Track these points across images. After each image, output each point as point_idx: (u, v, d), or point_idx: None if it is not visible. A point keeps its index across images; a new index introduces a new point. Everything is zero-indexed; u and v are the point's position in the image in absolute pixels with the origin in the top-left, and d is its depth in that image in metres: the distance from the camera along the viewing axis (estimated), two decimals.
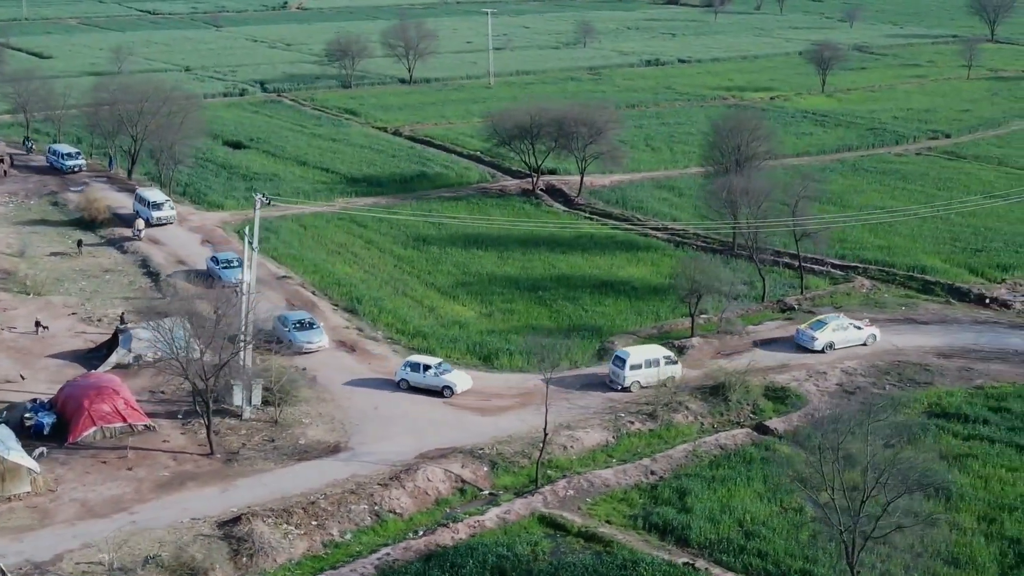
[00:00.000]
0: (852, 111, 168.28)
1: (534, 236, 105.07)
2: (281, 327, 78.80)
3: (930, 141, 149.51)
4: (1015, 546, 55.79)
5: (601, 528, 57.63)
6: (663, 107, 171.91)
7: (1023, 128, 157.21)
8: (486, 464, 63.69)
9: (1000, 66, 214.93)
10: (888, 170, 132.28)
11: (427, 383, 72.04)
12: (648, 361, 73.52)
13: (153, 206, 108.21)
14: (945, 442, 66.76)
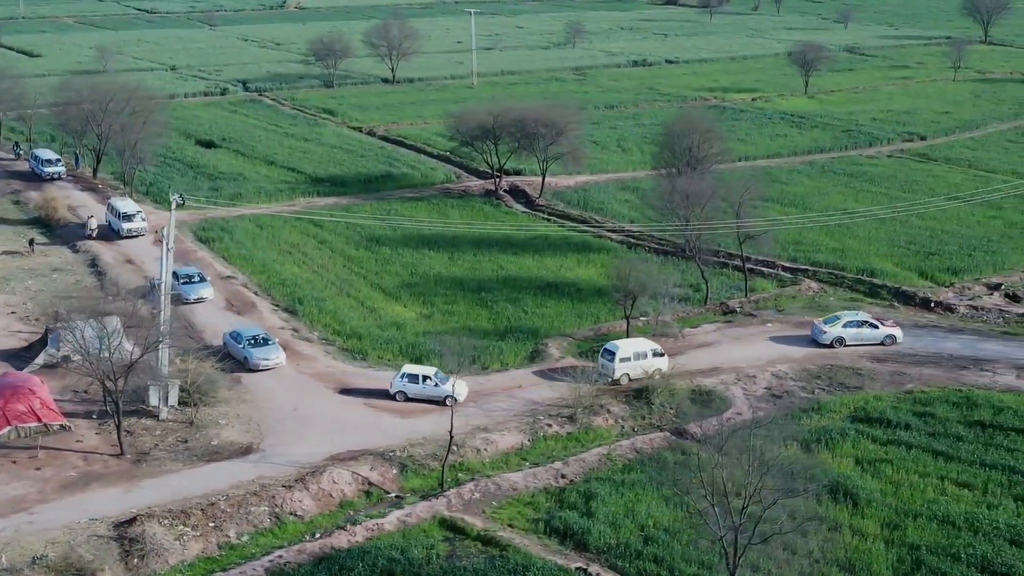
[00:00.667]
0: (831, 113, 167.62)
1: (488, 237, 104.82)
2: (234, 344, 76.53)
3: (904, 143, 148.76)
4: (913, 552, 55.30)
5: (501, 532, 57.28)
6: (642, 108, 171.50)
7: (1000, 131, 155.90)
8: (396, 467, 63.46)
9: (989, 68, 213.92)
10: (856, 172, 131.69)
11: (428, 394, 70.79)
12: (636, 354, 74.47)
13: (123, 217, 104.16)
14: (863, 447, 65.98)
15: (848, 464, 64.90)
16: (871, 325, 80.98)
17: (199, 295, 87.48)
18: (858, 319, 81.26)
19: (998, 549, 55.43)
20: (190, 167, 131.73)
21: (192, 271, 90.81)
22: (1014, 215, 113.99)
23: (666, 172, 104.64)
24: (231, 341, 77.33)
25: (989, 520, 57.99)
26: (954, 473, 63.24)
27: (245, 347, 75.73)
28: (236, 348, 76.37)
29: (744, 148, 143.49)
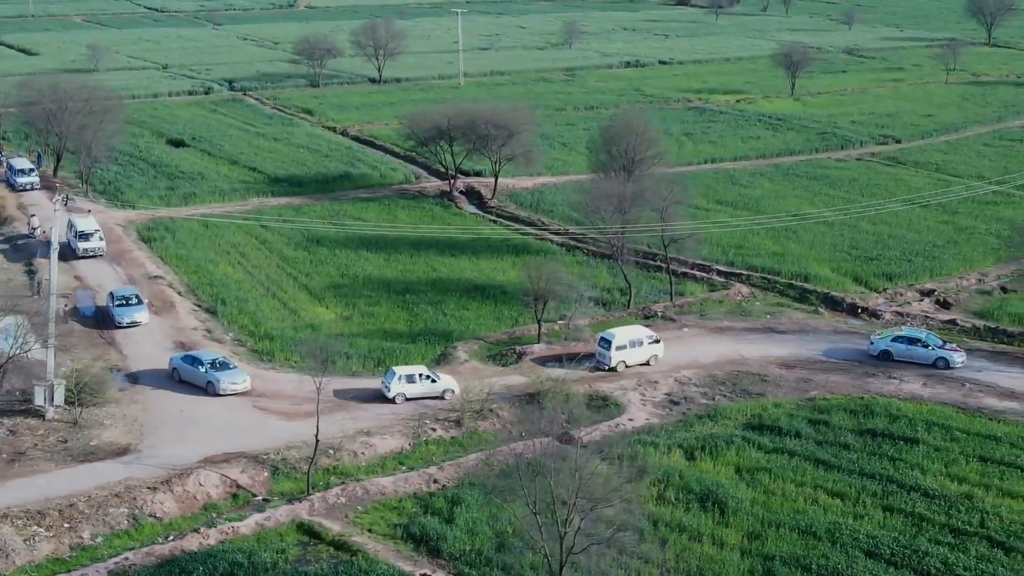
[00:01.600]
0: (812, 115, 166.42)
1: (429, 239, 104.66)
2: (190, 368, 73.35)
3: (878, 146, 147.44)
4: (767, 563, 54.50)
5: (356, 537, 56.99)
6: (622, 109, 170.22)
7: (978, 134, 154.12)
8: (267, 469, 63.26)
9: (985, 70, 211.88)
10: (820, 175, 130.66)
11: (426, 391, 71.82)
12: (632, 341, 76.14)
13: (80, 236, 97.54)
14: (746, 455, 65.28)
15: (728, 472, 64.12)
16: (923, 344, 77.67)
17: (132, 319, 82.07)
18: (910, 335, 78.64)
19: (852, 560, 54.62)
20: (153, 166, 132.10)
21: (129, 292, 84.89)
22: (967, 220, 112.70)
23: (603, 175, 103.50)
24: (185, 366, 73.50)
25: (851, 531, 57.23)
26: (831, 483, 62.39)
27: (208, 371, 72.05)
28: (194, 373, 72.73)
29: (714, 150, 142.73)
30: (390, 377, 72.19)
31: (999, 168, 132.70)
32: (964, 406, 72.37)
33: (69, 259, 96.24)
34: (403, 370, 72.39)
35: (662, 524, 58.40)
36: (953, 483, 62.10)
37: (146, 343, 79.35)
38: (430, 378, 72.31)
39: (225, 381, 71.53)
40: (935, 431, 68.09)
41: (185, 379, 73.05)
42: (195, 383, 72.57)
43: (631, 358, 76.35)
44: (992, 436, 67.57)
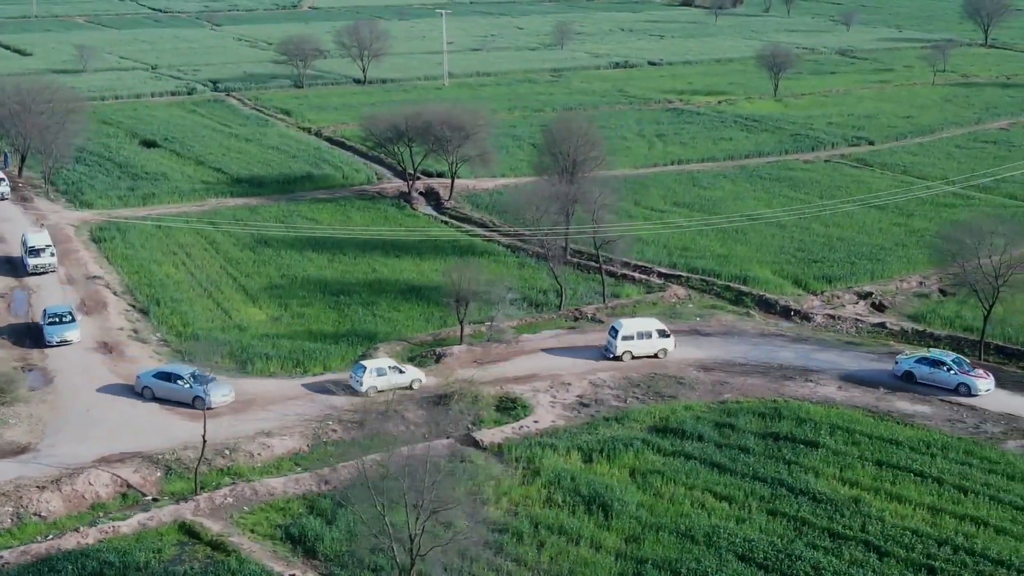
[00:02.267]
0: (791, 116, 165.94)
1: (376, 240, 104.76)
2: (168, 384, 71.77)
3: (850, 148, 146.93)
4: (639, 566, 54.48)
5: (235, 537, 57.17)
6: (601, 110, 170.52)
7: (953, 136, 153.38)
8: (160, 469, 63.54)
9: (975, 72, 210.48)
10: (784, 177, 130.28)
11: (396, 383, 73.52)
12: (640, 333, 78.00)
13: (31, 252, 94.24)
14: (644, 458, 65.21)
15: (622, 475, 64.10)
16: (947, 367, 74.20)
17: (63, 338, 79.32)
18: (934, 357, 75.22)
19: (724, 564, 54.51)
20: (119, 166, 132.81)
21: (63, 310, 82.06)
22: (921, 222, 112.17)
23: (546, 177, 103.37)
24: (161, 382, 71.87)
25: (730, 534, 57.11)
26: (721, 486, 62.25)
27: (194, 386, 70.38)
28: (174, 389, 71.63)
29: (683, 152, 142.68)
30: (360, 371, 73.13)
31: (967, 170, 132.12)
32: (875, 410, 72.14)
33: (21, 276, 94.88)
34: (373, 363, 73.53)
35: (543, 526, 58.17)
36: (844, 487, 61.88)
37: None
38: (398, 369, 73.46)
39: (216, 395, 69.81)
40: (838, 435, 67.84)
41: (161, 396, 71.11)
42: (175, 399, 70.82)
43: (638, 349, 78.19)
44: (894, 440, 67.27)
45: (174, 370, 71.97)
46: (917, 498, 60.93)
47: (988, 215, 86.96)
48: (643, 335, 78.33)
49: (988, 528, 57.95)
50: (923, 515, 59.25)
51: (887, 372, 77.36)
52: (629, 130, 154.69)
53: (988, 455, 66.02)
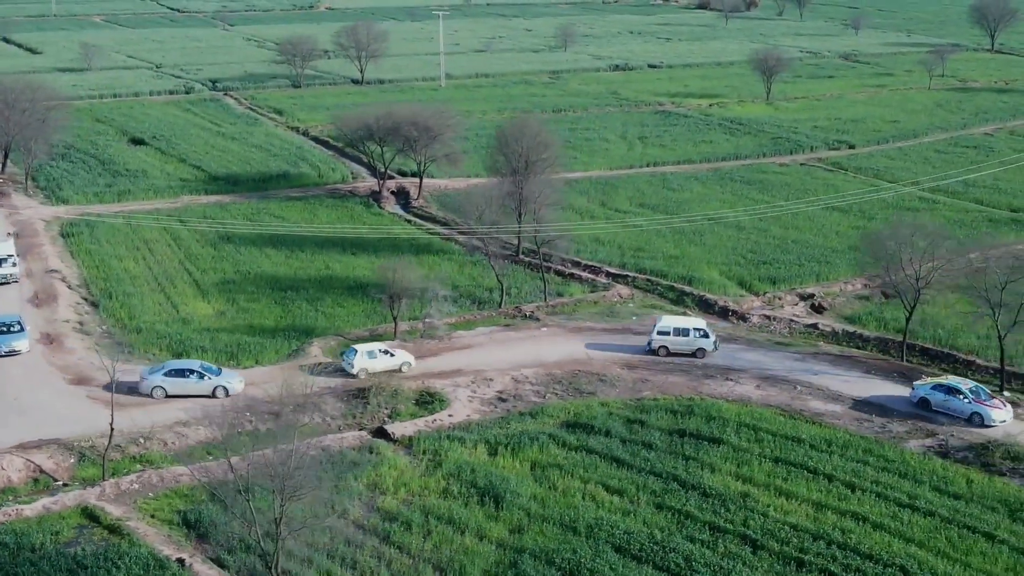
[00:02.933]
0: (778, 119, 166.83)
1: (336, 237, 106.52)
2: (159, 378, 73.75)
3: (830, 151, 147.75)
4: (516, 556, 55.93)
5: (133, 522, 59.00)
6: (590, 112, 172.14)
7: (935, 140, 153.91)
8: (75, 456, 65.42)
9: (976, 76, 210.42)
10: (755, 179, 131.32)
11: (387, 366, 77.46)
12: (677, 330, 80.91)
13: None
14: (547, 452, 66.64)
15: (523, 468, 65.52)
16: (962, 396, 71.50)
17: (10, 348, 78.63)
18: (950, 385, 72.63)
19: (599, 554, 55.86)
20: (102, 163, 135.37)
21: (11, 319, 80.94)
22: (880, 225, 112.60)
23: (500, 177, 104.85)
24: (175, 379, 73.84)
25: (611, 526, 58.44)
26: (616, 480, 63.59)
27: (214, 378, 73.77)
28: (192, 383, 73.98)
29: (661, 154, 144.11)
30: (351, 354, 76.40)
31: (940, 174, 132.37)
32: (788, 408, 73.27)
33: None
34: (364, 347, 76.98)
35: (434, 516, 59.73)
36: (737, 482, 63.08)
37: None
38: (388, 353, 77.13)
39: (235, 383, 73.24)
40: (743, 432, 69.03)
41: (175, 393, 72.77)
42: (194, 394, 72.60)
43: (675, 345, 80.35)
44: (796, 438, 68.38)
45: (187, 365, 73.61)
46: (805, 494, 62.01)
47: (911, 222, 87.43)
48: (680, 332, 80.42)
49: (866, 524, 58.95)
50: (807, 510, 60.34)
51: (808, 370, 78.30)
52: (613, 132, 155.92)
53: (886, 454, 67.01)
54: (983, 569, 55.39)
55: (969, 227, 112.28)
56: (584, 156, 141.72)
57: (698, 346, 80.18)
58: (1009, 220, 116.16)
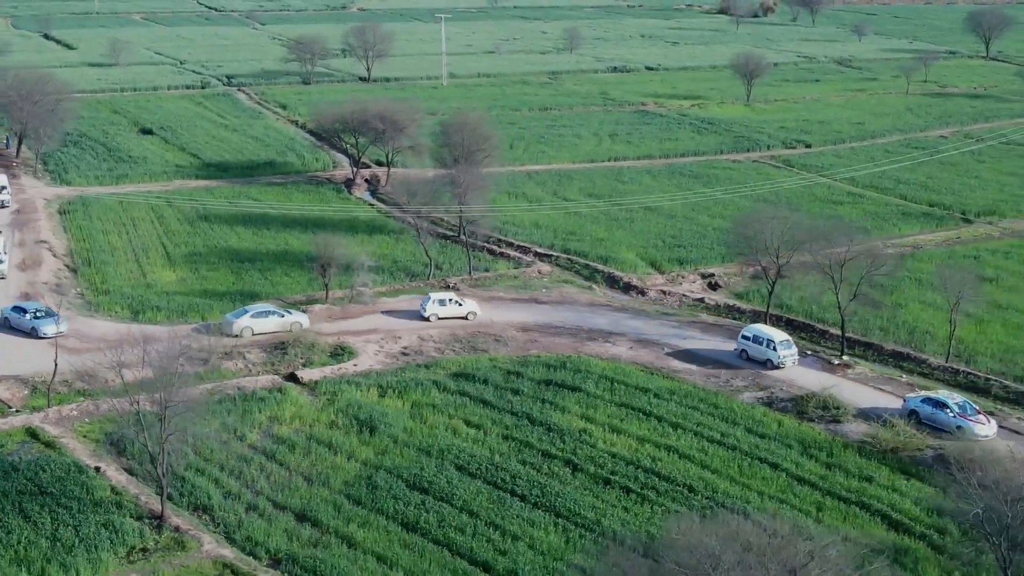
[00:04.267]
0: (748, 120, 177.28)
1: (302, 217, 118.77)
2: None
3: (786, 150, 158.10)
4: (372, 471, 67.69)
5: (67, 440, 71.43)
6: (575, 111, 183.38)
7: (890, 142, 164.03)
8: (28, 388, 78.02)
9: (957, 83, 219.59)
10: (703, 174, 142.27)
11: (454, 312, 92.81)
12: (776, 342, 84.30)
13: None
14: (429, 395, 78.38)
15: (405, 407, 77.33)
16: (950, 410, 74.13)
17: None
18: (937, 399, 75.21)
19: (442, 471, 67.50)
20: (109, 150, 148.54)
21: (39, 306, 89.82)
22: (802, 217, 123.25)
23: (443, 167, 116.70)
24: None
25: (460, 451, 70.06)
26: (477, 417, 75.17)
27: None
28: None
29: (625, 150, 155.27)
30: (427, 301, 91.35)
31: (875, 173, 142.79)
32: (649, 365, 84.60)
33: None
34: (436, 295, 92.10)
35: (316, 441, 71.88)
36: (580, 421, 74.48)
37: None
38: (457, 302, 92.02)
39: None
40: (602, 383, 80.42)
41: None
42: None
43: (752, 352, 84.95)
44: (645, 389, 79.68)
45: (267, 308, 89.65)
46: (634, 431, 73.42)
47: (772, 212, 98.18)
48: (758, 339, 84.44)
49: (676, 454, 70.28)
50: (630, 443, 71.74)
51: (679, 335, 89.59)
52: (588, 129, 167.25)
53: (718, 403, 78.24)
54: (760, 490, 66.39)
55: (881, 219, 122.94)
56: (552, 151, 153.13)
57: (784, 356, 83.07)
58: (920, 214, 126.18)
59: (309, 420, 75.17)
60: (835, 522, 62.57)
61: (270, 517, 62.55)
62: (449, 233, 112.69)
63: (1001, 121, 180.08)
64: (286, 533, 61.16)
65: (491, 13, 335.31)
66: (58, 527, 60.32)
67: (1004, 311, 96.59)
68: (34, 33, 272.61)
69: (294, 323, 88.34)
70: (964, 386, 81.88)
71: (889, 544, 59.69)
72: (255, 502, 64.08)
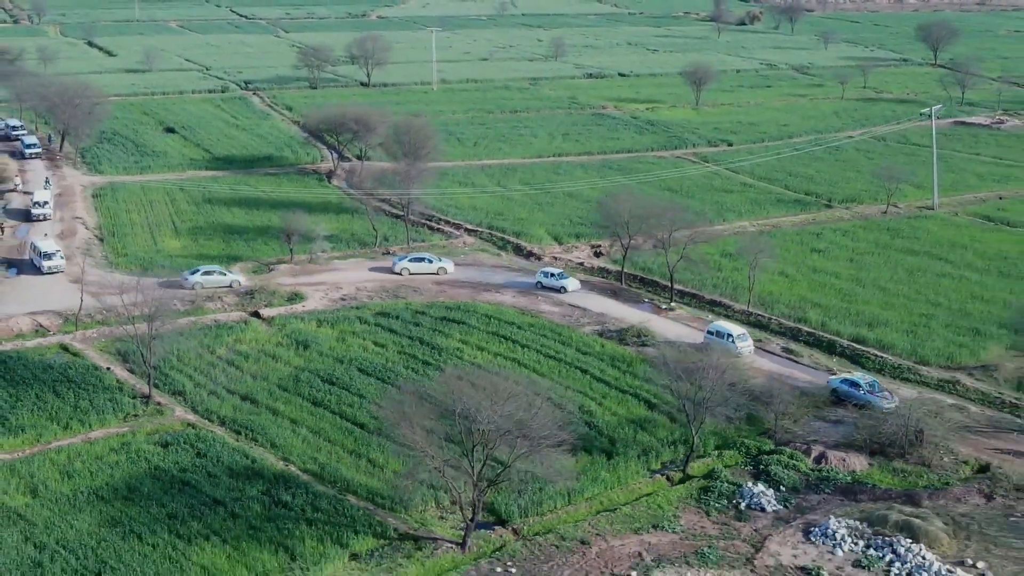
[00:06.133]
0: (689, 121, 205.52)
1: (286, 200, 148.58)
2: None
3: (709, 148, 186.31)
4: (297, 371, 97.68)
5: (89, 352, 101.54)
6: (541, 113, 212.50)
7: (800, 141, 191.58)
8: (61, 319, 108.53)
9: (893, 89, 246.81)
10: (627, 167, 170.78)
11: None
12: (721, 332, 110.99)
13: (44, 255, 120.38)
14: (352, 326, 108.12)
15: (333, 333, 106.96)
16: (861, 388, 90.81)
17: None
18: (852, 380, 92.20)
19: (347, 371, 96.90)
20: (136, 146, 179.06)
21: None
22: (683, 198, 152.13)
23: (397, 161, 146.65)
24: (402, 261, 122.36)
25: (364, 360, 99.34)
26: (383, 339, 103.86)
27: (36, 258, 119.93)
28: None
29: (570, 147, 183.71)
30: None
31: (772, 166, 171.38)
32: (524, 308, 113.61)
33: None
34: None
35: (263, 353, 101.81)
36: (456, 343, 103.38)
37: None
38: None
39: (449, 265, 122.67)
40: (483, 320, 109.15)
41: (416, 272, 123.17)
42: (427, 272, 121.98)
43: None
44: (512, 323, 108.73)
45: (421, 255, 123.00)
46: (493, 349, 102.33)
47: (626, 195, 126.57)
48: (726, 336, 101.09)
49: (516, 363, 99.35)
50: (488, 357, 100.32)
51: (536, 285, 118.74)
52: (546, 130, 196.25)
53: (562, 332, 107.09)
54: (567, 385, 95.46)
55: (758, 204, 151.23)
56: (508, 147, 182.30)
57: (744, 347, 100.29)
58: (793, 200, 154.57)
59: (262, 341, 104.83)
60: (612, 405, 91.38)
61: (223, 398, 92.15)
62: (399, 213, 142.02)
63: (912, 122, 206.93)
64: (233, 407, 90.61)
65: (499, 21, 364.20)
66: (79, 401, 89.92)
67: (817, 273, 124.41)
68: (79, 40, 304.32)
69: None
70: (752, 323, 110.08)
71: (643, 415, 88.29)
72: (215, 389, 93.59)
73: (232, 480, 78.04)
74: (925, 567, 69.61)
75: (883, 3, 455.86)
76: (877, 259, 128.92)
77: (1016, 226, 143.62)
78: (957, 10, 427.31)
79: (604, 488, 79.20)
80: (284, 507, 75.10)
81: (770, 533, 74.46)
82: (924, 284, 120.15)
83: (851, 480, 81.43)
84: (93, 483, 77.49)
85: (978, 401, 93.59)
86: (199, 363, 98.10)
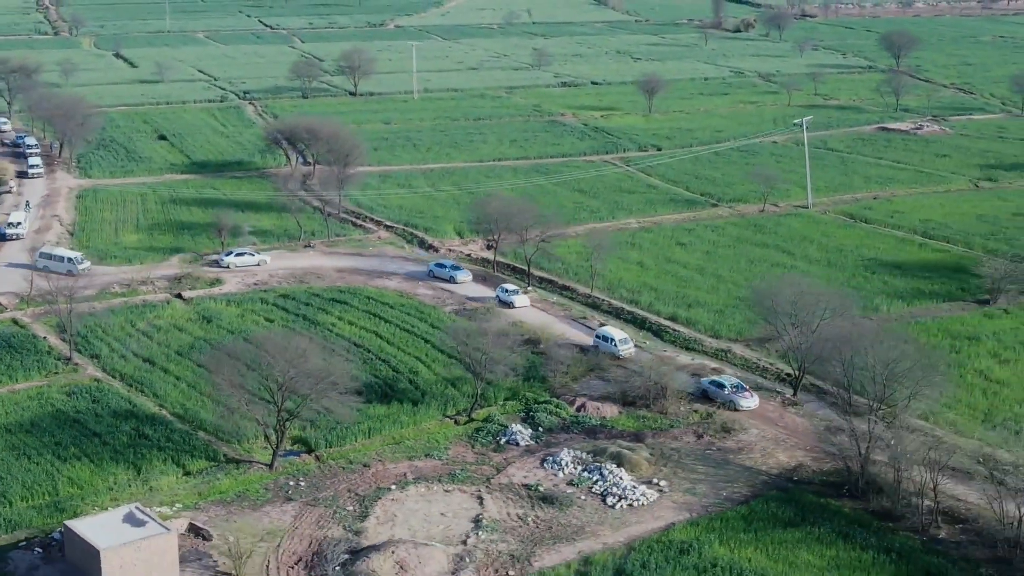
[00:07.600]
0: (633, 128, 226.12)
1: (245, 200, 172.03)
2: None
3: (639, 152, 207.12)
4: (195, 340, 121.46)
5: (35, 325, 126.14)
6: (502, 120, 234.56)
7: (724, 145, 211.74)
8: (16, 299, 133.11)
9: (840, 95, 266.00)
10: (553, 170, 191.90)
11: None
12: (611, 338, 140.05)
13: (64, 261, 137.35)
14: (255, 306, 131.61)
15: (237, 312, 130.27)
16: (725, 388, 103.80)
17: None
18: (718, 381, 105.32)
19: (235, 341, 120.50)
20: (127, 152, 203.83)
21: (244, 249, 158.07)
22: (590, 200, 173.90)
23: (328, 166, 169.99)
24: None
25: (251, 331, 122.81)
26: (275, 316, 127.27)
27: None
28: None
29: (511, 151, 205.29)
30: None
31: (683, 169, 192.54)
32: (404, 292, 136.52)
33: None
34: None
35: (174, 327, 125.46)
36: (335, 319, 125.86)
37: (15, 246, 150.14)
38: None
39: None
40: (364, 301, 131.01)
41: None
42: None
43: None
44: (387, 303, 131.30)
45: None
46: (364, 325, 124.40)
47: (499, 198, 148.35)
48: (611, 339, 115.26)
49: (375, 335, 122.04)
50: (356, 331, 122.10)
51: (428, 273, 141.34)
52: (497, 136, 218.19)
53: (425, 310, 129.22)
54: (404, 350, 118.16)
55: (652, 203, 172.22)
56: (455, 153, 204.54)
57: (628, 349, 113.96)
58: (684, 200, 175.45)
59: (177, 317, 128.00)
60: (438, 367, 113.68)
61: (129, 360, 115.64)
62: (332, 211, 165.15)
63: (842, 128, 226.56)
64: (134, 367, 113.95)
65: (506, 30, 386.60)
66: (12, 361, 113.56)
67: (669, 263, 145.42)
68: (107, 52, 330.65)
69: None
70: (590, 304, 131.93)
71: (458, 375, 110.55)
72: (125, 354, 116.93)
73: (112, 419, 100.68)
74: (618, 484, 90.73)
75: (891, 8, 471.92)
76: (729, 251, 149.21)
77: (870, 222, 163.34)
78: (959, 15, 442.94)
79: (400, 428, 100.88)
80: (145, 439, 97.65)
81: (515, 461, 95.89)
82: (754, 273, 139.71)
83: (599, 423, 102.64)
84: (6, 420, 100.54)
85: (740, 366, 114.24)
86: (119, 334, 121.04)
